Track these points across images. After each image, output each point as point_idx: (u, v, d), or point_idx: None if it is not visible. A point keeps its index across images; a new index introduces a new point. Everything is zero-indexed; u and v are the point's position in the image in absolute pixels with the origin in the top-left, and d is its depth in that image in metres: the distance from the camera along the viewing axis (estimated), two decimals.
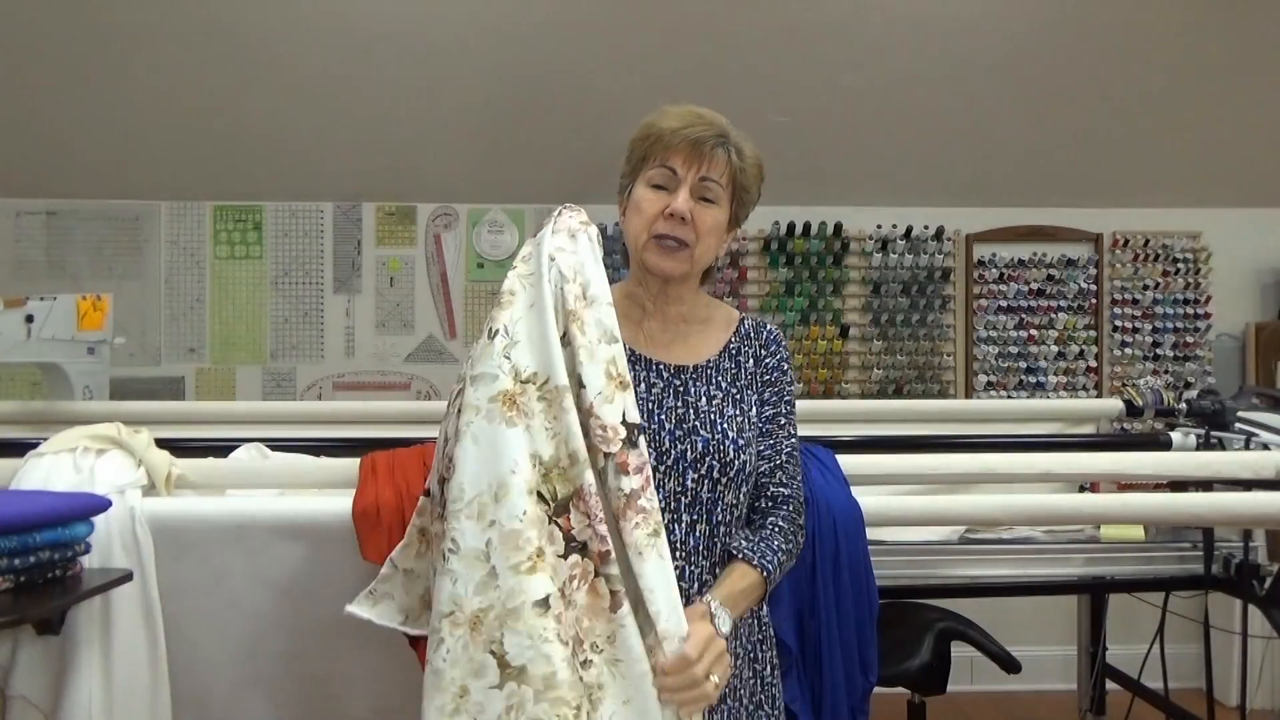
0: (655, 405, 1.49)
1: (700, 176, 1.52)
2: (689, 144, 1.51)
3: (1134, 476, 2.24)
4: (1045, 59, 3.77)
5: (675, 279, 1.54)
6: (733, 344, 1.60)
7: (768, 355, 1.60)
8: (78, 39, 3.59)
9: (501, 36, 3.65)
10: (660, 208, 1.50)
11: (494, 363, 1.30)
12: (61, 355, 2.63)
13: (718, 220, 1.55)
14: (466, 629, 1.21)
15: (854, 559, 1.81)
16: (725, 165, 1.55)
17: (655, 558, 1.27)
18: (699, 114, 1.56)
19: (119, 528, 1.74)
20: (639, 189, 1.53)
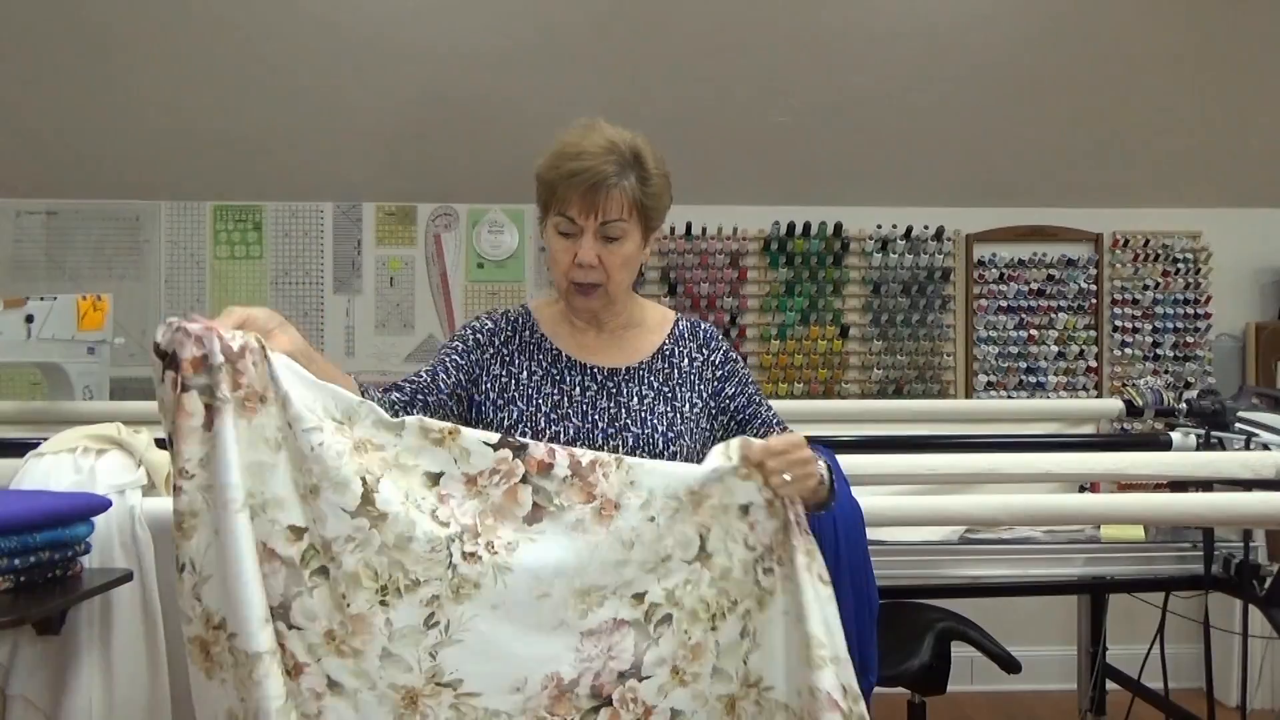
0: (589, 406, 1.56)
1: (600, 222, 1.52)
2: (582, 193, 1.50)
3: (1134, 476, 2.24)
4: (1045, 59, 3.77)
5: (600, 310, 1.61)
6: (666, 345, 1.66)
7: (710, 353, 1.67)
8: (78, 39, 3.59)
9: (502, 36, 3.65)
10: (570, 258, 1.53)
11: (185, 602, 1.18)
12: (61, 355, 2.63)
13: (628, 252, 1.56)
14: (349, 442, 1.18)
15: (854, 559, 1.80)
16: (624, 200, 1.53)
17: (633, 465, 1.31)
18: (592, 150, 1.52)
19: (119, 528, 1.74)
20: (549, 234, 1.57)
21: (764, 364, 4.11)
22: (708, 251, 4.11)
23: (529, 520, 1.23)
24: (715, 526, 1.30)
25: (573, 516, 1.25)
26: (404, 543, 1.18)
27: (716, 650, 1.30)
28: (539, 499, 1.24)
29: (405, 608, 1.18)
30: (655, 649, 1.27)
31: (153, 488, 1.84)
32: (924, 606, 2.47)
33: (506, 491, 1.23)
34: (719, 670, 1.30)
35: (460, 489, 1.22)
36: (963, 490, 2.30)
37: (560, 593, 1.23)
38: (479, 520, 1.22)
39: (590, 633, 1.24)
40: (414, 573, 1.18)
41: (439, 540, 1.19)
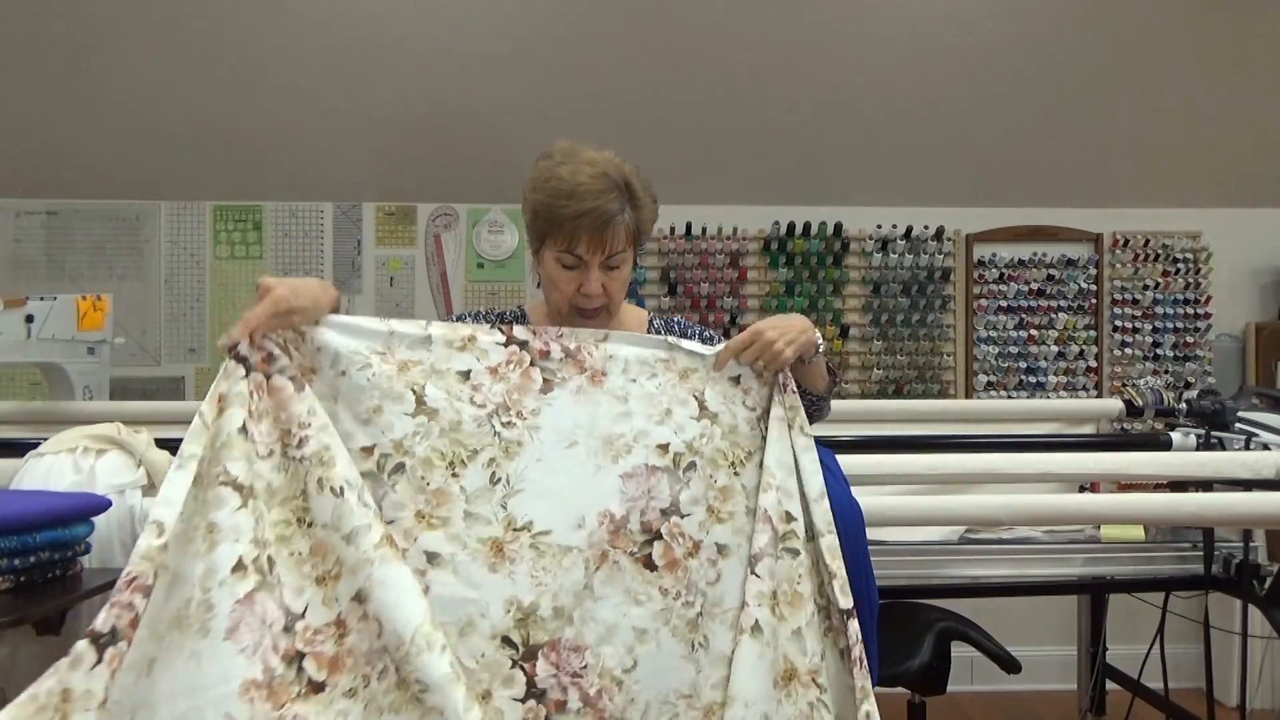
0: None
1: (606, 256, 1.60)
2: (590, 234, 1.58)
3: (1134, 476, 2.25)
4: (1045, 59, 3.77)
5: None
6: None
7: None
8: (78, 39, 3.59)
9: (502, 37, 3.65)
10: (575, 287, 1.62)
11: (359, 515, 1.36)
12: (61, 355, 2.63)
13: (626, 275, 1.67)
14: (394, 367, 1.45)
15: (854, 559, 1.80)
16: (625, 233, 1.61)
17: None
18: (592, 189, 1.58)
19: (119, 528, 1.74)
20: (550, 263, 1.64)
21: None
22: (708, 251, 4.11)
23: (543, 391, 1.50)
24: (708, 390, 1.55)
25: (574, 384, 1.52)
26: (456, 426, 1.44)
27: (745, 492, 1.51)
28: (546, 375, 1.51)
29: (472, 473, 1.43)
30: (687, 490, 1.49)
31: (152, 488, 1.85)
32: (924, 606, 2.47)
33: (522, 374, 1.50)
34: (752, 510, 1.50)
35: (487, 378, 1.49)
36: (963, 490, 2.30)
37: (585, 441, 1.48)
38: (506, 397, 1.48)
39: (628, 475, 1.47)
40: (470, 445, 1.44)
41: (481, 417, 1.46)
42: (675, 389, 1.54)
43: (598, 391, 1.51)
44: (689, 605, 1.44)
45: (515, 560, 1.39)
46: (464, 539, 1.39)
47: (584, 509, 1.44)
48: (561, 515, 1.43)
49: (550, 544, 1.41)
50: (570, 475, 1.45)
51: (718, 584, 1.46)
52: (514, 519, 1.41)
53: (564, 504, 1.43)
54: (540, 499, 1.43)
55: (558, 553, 1.41)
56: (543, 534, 1.42)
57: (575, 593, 1.40)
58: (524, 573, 1.39)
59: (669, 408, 1.52)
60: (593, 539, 1.43)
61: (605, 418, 1.50)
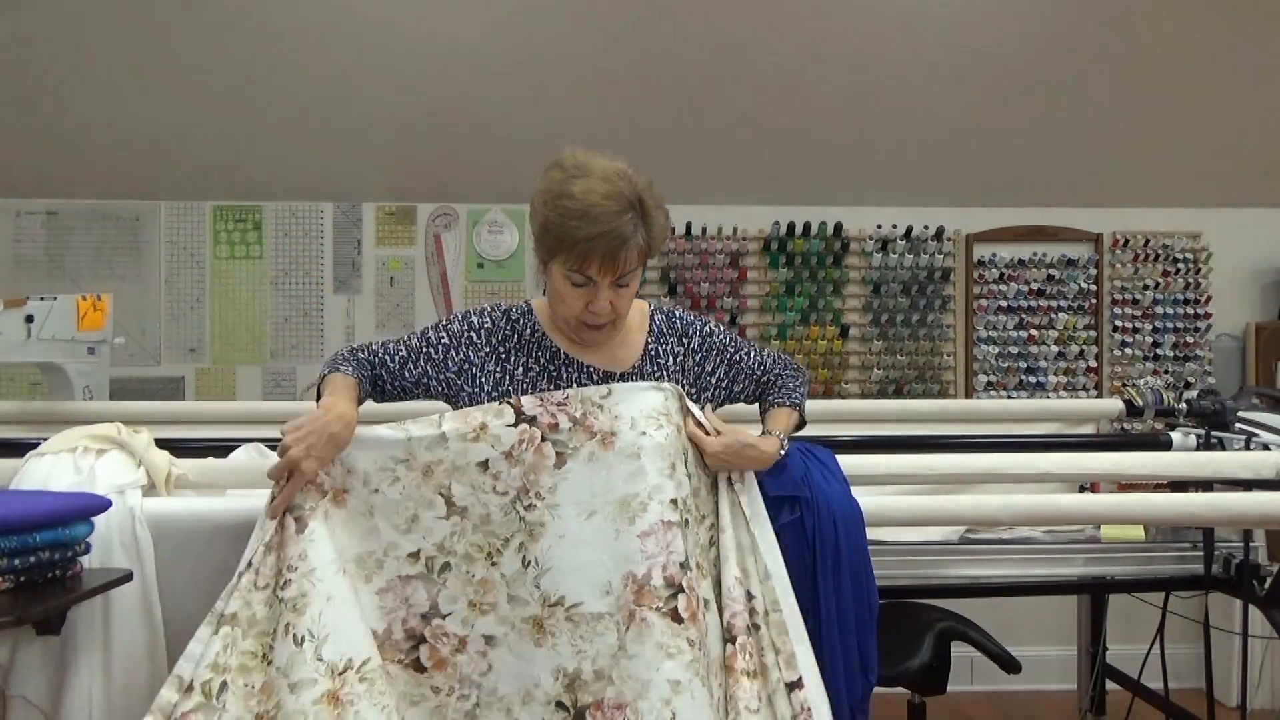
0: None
1: (617, 277, 1.60)
2: (602, 257, 1.57)
3: (1134, 476, 2.25)
4: (1045, 59, 3.77)
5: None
6: (650, 345, 1.76)
7: (689, 339, 1.78)
8: (78, 39, 3.59)
9: (502, 35, 3.66)
10: (583, 305, 1.62)
11: (308, 669, 1.45)
12: (61, 355, 2.63)
13: (634, 291, 1.68)
14: (419, 473, 1.56)
15: (854, 559, 1.81)
16: (636, 253, 1.61)
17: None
18: (605, 210, 1.56)
19: (119, 528, 1.74)
20: (558, 278, 1.63)
21: None
22: (708, 251, 4.11)
23: (557, 465, 1.56)
24: (690, 452, 1.64)
25: (586, 452, 1.57)
26: (486, 519, 1.55)
27: (704, 550, 1.62)
28: (559, 448, 1.57)
29: (507, 560, 1.54)
30: (686, 544, 1.56)
31: (153, 488, 1.85)
32: (924, 606, 2.47)
33: (534, 451, 1.57)
34: (714, 568, 1.62)
35: (504, 464, 1.57)
36: (963, 490, 2.30)
37: (603, 508, 1.55)
38: (524, 480, 1.56)
39: (645, 534, 1.53)
40: (501, 534, 1.55)
41: (505, 505, 1.56)
42: (677, 441, 1.61)
43: (609, 455, 1.57)
44: (705, 657, 1.52)
45: (556, 634, 1.51)
46: (511, 620, 1.52)
47: (610, 574, 1.52)
48: (589, 585, 1.52)
49: (583, 614, 1.51)
50: (592, 545, 1.53)
51: (708, 636, 1.55)
52: (548, 596, 1.52)
53: (590, 574, 1.52)
54: (569, 574, 1.52)
55: (591, 620, 1.51)
56: (575, 606, 1.51)
57: (611, 654, 1.49)
58: (565, 643, 1.50)
59: (674, 461, 1.59)
60: (620, 601, 1.51)
61: (619, 480, 1.56)
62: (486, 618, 1.53)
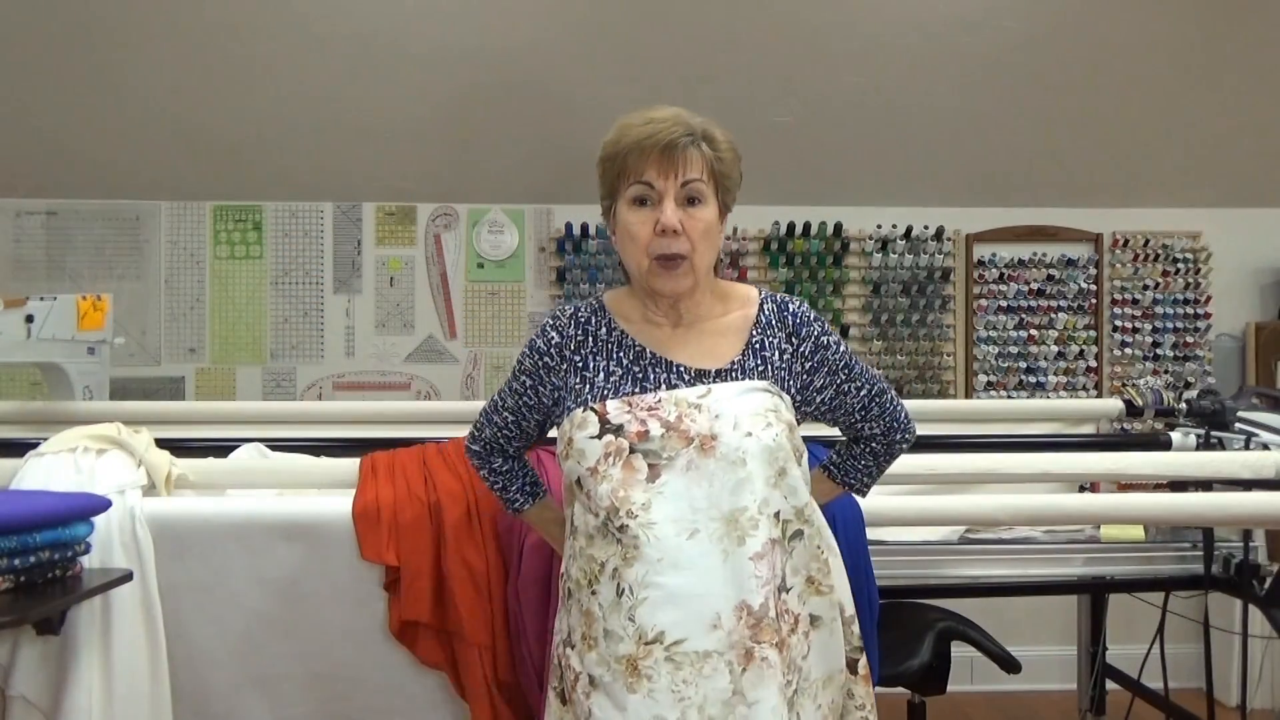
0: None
1: (681, 182, 1.46)
2: (659, 153, 1.44)
3: (1134, 476, 2.25)
4: (1045, 59, 3.77)
5: (685, 293, 1.51)
6: (754, 337, 1.54)
7: (800, 342, 1.55)
8: (78, 39, 3.59)
9: (502, 35, 3.65)
10: (651, 227, 1.46)
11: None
12: (61, 355, 2.63)
13: (709, 219, 1.50)
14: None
15: (854, 559, 1.81)
16: (701, 161, 1.48)
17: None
18: (658, 117, 1.48)
19: (119, 528, 1.74)
20: (623, 211, 1.49)
21: None
22: None
23: (650, 479, 1.37)
24: (805, 454, 1.48)
25: (683, 460, 1.37)
26: (590, 541, 1.40)
27: (817, 563, 1.44)
28: (650, 460, 1.38)
29: (603, 588, 1.37)
30: (790, 560, 1.40)
31: (153, 488, 1.85)
32: (924, 606, 2.47)
33: (623, 466, 1.38)
34: (842, 588, 1.47)
35: (591, 481, 1.40)
36: (963, 490, 2.30)
37: (706, 525, 1.35)
38: (613, 498, 1.37)
39: (759, 556, 1.35)
40: (599, 558, 1.38)
41: (598, 526, 1.39)
42: (788, 443, 1.41)
43: (711, 461, 1.37)
44: (788, 684, 1.35)
45: (652, 677, 1.30)
46: (607, 659, 1.34)
47: (718, 605, 1.32)
48: (694, 619, 1.32)
49: (686, 652, 1.31)
50: (696, 569, 1.33)
51: (808, 658, 1.40)
52: (644, 631, 1.32)
53: (694, 606, 1.32)
54: (668, 606, 1.32)
55: (696, 660, 1.31)
56: (676, 644, 1.31)
57: (724, 701, 1.30)
58: (663, 689, 1.30)
59: (784, 465, 1.40)
60: (732, 638, 1.32)
61: (724, 490, 1.36)
62: (591, 654, 1.36)
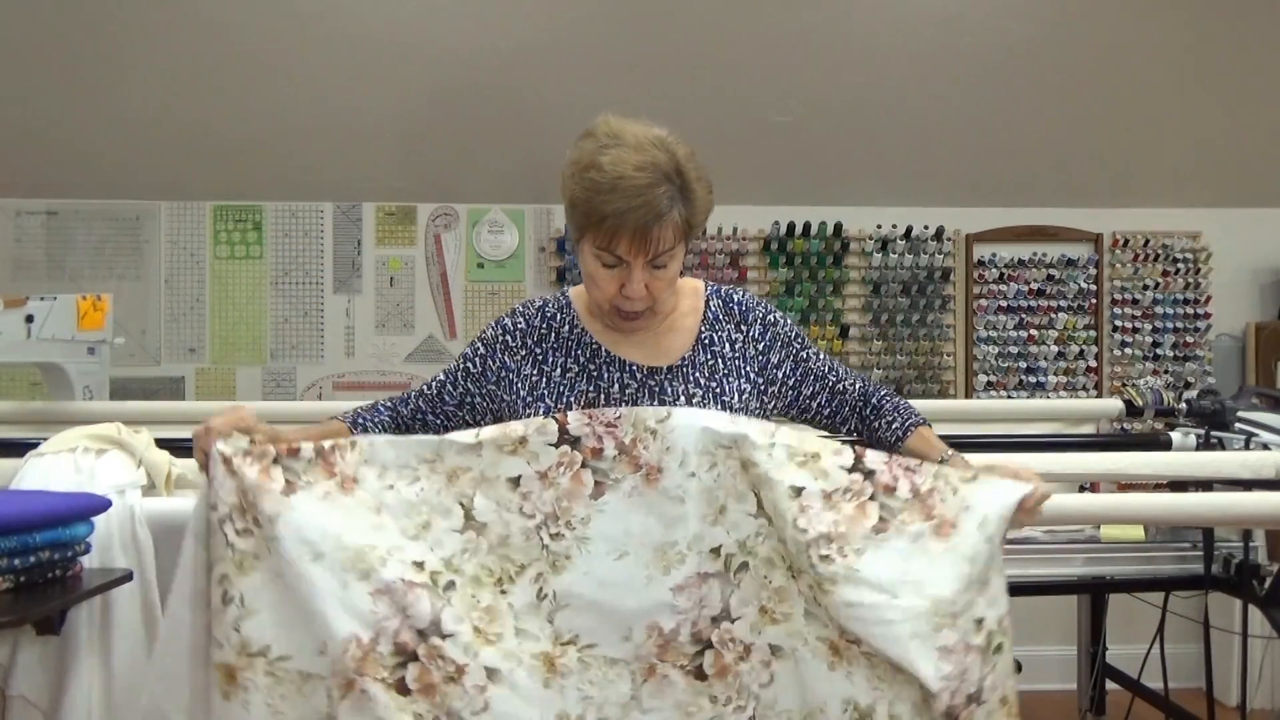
0: (628, 405, 1.51)
1: (651, 257, 1.44)
2: (632, 233, 1.40)
3: (1134, 476, 2.24)
4: (1045, 59, 3.77)
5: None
6: (704, 333, 1.57)
7: (748, 327, 1.59)
8: (78, 39, 3.59)
9: (502, 36, 3.65)
10: (615, 288, 1.47)
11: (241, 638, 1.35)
12: (61, 355, 2.63)
13: (673, 273, 1.51)
14: (444, 477, 1.42)
15: None
16: (674, 231, 1.44)
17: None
18: (638, 183, 1.40)
19: (119, 528, 1.74)
20: (589, 259, 1.48)
21: None
22: (708, 251, 4.11)
23: (594, 496, 1.41)
24: (764, 492, 1.41)
25: (628, 485, 1.41)
26: (504, 541, 1.41)
27: (803, 596, 1.41)
28: (598, 477, 1.41)
29: (520, 589, 1.40)
30: (738, 592, 1.41)
31: (153, 488, 1.85)
32: None
33: (572, 478, 1.41)
34: (811, 614, 1.41)
35: (537, 484, 1.41)
36: None
37: (637, 551, 1.40)
38: (556, 506, 1.41)
39: (680, 588, 1.40)
40: (518, 560, 1.40)
41: (529, 529, 1.41)
42: (735, 481, 1.42)
43: (653, 493, 1.41)
44: (740, 710, 1.40)
45: (565, 674, 1.38)
46: (518, 655, 1.37)
47: (631, 621, 1.39)
48: (608, 629, 1.39)
49: (596, 656, 1.39)
50: (618, 588, 1.39)
51: (770, 686, 1.41)
52: (560, 633, 1.39)
53: (610, 618, 1.39)
54: (587, 614, 1.39)
55: (604, 665, 1.39)
56: (589, 647, 1.39)
57: (621, 705, 1.38)
58: (572, 685, 1.38)
59: (724, 504, 1.42)
60: (639, 651, 1.39)
61: (658, 525, 1.41)
62: (491, 649, 1.36)
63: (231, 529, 1.35)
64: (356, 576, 1.34)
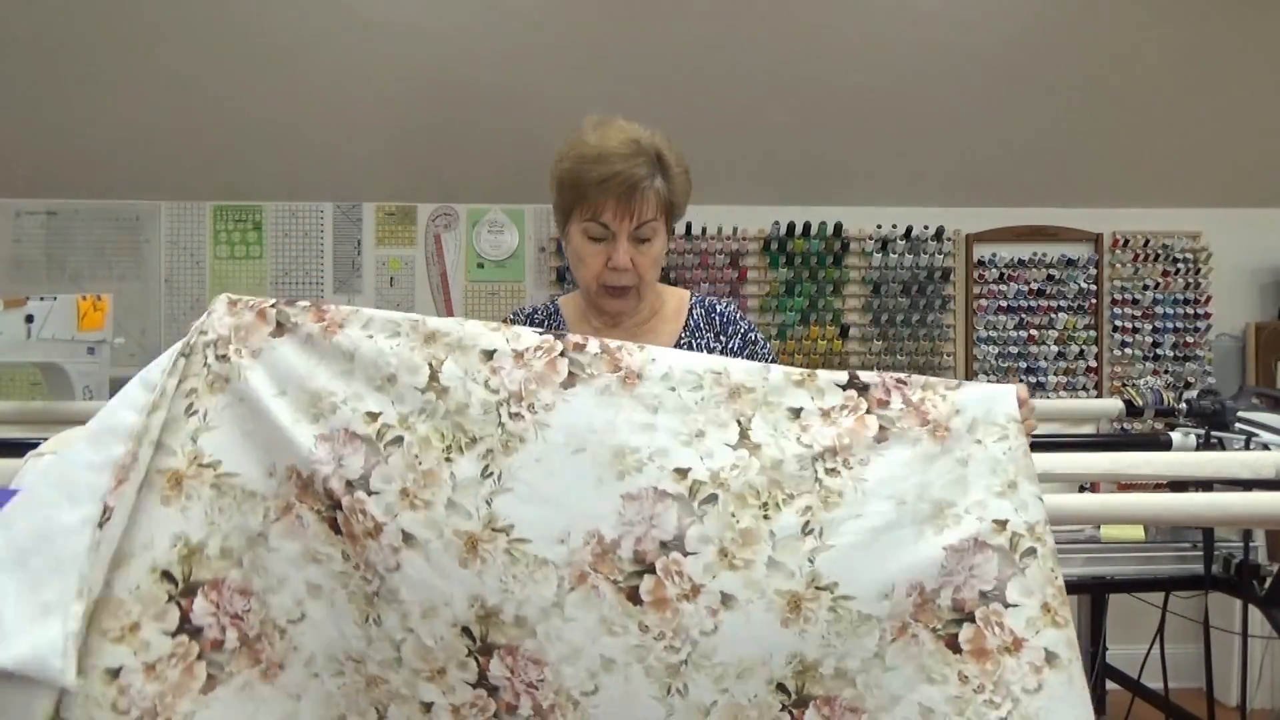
0: None
1: (635, 225, 1.54)
2: (616, 199, 1.51)
3: (1134, 476, 2.24)
4: (1045, 58, 3.77)
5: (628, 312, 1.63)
6: (683, 339, 1.67)
7: (728, 339, 1.66)
8: (78, 39, 3.59)
9: (502, 35, 3.66)
10: (602, 261, 1.56)
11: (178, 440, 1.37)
12: (61, 355, 2.63)
13: (658, 252, 1.59)
14: (421, 337, 1.42)
15: None
16: (656, 200, 1.55)
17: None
18: (619, 152, 1.52)
19: None
20: (576, 237, 1.57)
21: None
22: (708, 251, 4.11)
23: (564, 385, 1.38)
24: (759, 418, 1.39)
25: (601, 383, 1.38)
26: (462, 409, 1.37)
27: (771, 541, 1.33)
28: (574, 369, 1.39)
29: (466, 461, 1.35)
30: (699, 526, 1.33)
31: None
32: None
33: (547, 363, 1.39)
34: (775, 563, 1.33)
35: (509, 363, 1.39)
36: None
37: (594, 450, 1.35)
38: (523, 386, 1.38)
39: (631, 496, 1.34)
40: (471, 432, 1.37)
41: (490, 404, 1.37)
42: (719, 408, 1.39)
43: (625, 396, 1.38)
44: (673, 650, 1.31)
45: (486, 561, 1.32)
46: (441, 527, 1.32)
47: (571, 523, 1.33)
48: (545, 525, 1.33)
49: (525, 553, 1.32)
50: (566, 482, 1.34)
51: (714, 635, 1.32)
52: (495, 518, 1.33)
53: (550, 512, 1.34)
54: (527, 504, 1.34)
55: (532, 564, 1.32)
56: (520, 541, 1.32)
57: (543, 608, 1.32)
58: (493, 575, 1.31)
59: (702, 428, 1.38)
60: (573, 558, 1.32)
61: (625, 426, 1.36)
62: (415, 514, 1.33)
63: (213, 353, 1.40)
64: (308, 419, 1.36)
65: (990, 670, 1.31)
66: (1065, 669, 1.31)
